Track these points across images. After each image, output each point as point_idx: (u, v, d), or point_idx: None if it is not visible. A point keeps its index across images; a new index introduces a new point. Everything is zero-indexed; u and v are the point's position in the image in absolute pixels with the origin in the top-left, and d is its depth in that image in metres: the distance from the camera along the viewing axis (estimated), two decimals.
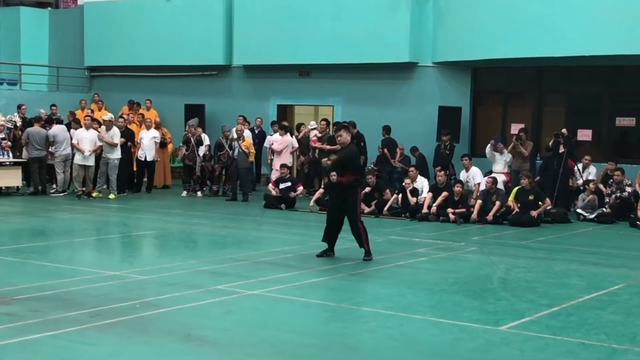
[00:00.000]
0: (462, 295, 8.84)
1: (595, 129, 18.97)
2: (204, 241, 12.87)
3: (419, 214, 15.62)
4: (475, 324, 7.45)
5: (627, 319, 7.86)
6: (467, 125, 20.02)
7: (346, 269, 10.26)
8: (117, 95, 24.60)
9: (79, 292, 8.48)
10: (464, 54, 19.26)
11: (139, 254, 12.05)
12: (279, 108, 22.82)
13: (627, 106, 18.74)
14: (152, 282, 9.14)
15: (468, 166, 17.18)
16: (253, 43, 22.30)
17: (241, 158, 18.30)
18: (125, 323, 7.23)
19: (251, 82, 23.19)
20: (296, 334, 7.02)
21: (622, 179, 16.41)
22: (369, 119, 20.18)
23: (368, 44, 20.30)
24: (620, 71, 18.81)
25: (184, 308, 7.88)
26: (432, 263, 10.93)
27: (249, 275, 9.60)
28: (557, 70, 19.35)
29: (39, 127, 18.83)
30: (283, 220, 15.36)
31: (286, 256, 11.10)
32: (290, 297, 8.50)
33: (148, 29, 24.14)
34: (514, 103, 20.64)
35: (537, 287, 9.37)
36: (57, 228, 14.02)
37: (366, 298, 8.75)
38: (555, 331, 7.25)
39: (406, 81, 20.72)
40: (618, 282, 9.76)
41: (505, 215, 15.41)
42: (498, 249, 12.25)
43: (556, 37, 17.37)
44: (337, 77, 21.67)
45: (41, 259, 10.56)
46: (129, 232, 14.10)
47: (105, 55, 25.15)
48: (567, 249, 12.53)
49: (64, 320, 7.25)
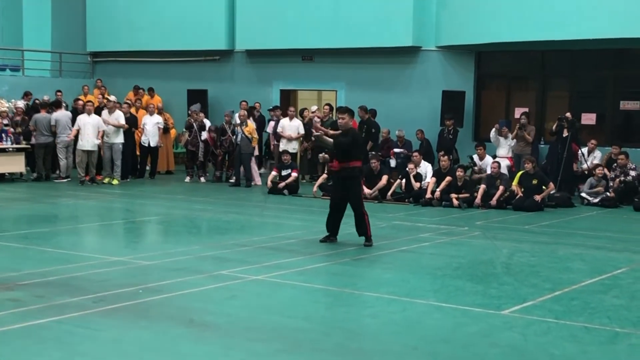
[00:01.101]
0: (465, 279, 8.85)
1: (600, 113, 18.93)
2: (207, 227, 12.88)
3: (423, 199, 15.60)
4: (478, 309, 7.46)
5: (630, 302, 7.86)
6: (471, 110, 19.97)
7: (349, 254, 10.26)
8: (119, 81, 24.59)
9: (82, 277, 8.50)
10: (467, 38, 19.19)
11: (142, 239, 12.07)
12: (281, 93, 22.78)
13: (632, 90, 18.66)
14: (156, 267, 9.16)
15: (482, 155, 17.15)
16: (255, 28, 22.25)
17: (244, 143, 18.27)
18: (129, 308, 7.25)
19: (254, 67, 23.15)
20: (299, 319, 7.03)
21: (626, 162, 16.37)
22: (373, 104, 20.10)
23: (371, 28, 20.25)
24: (625, 55, 18.75)
25: (187, 293, 7.89)
26: (435, 248, 10.93)
27: (252, 260, 9.61)
28: (561, 54, 19.28)
29: (45, 113, 18.82)
30: (286, 205, 15.36)
31: (289, 241, 11.10)
32: (293, 282, 8.51)
33: (150, 14, 24.10)
34: (518, 87, 20.60)
35: (540, 272, 9.37)
36: (61, 214, 14.05)
37: (369, 283, 8.76)
38: (558, 315, 7.25)
39: (409, 65, 20.67)
40: (621, 266, 9.76)
41: (509, 199, 15.40)
42: (501, 234, 12.24)
43: (560, 21, 17.30)
44: (340, 62, 21.61)
45: (45, 244, 10.58)
46: (133, 217, 14.12)
47: (108, 40, 25.13)
48: (571, 233, 12.52)
49: (67, 305, 7.27)
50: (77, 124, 18.00)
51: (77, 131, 17.96)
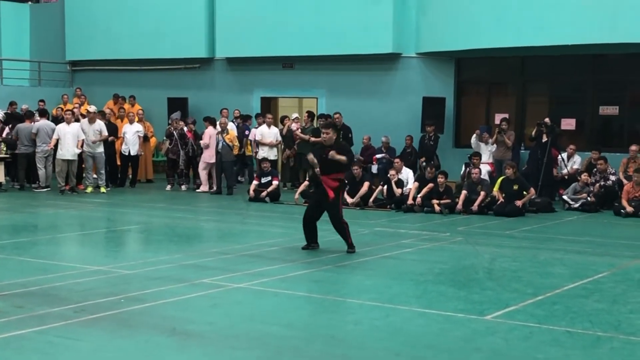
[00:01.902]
0: (447, 285, 8.85)
1: (579, 118, 19.04)
2: (189, 235, 12.82)
3: (404, 205, 15.62)
4: (460, 314, 7.46)
5: (611, 306, 7.89)
6: (452, 116, 20.04)
7: (331, 261, 10.25)
8: (99, 90, 24.49)
9: (63, 287, 8.43)
10: (447, 44, 19.27)
11: (123, 248, 11.99)
12: (262, 100, 22.76)
13: (611, 95, 18.81)
14: (137, 276, 9.10)
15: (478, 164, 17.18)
16: (235, 35, 22.23)
17: (225, 151, 18.23)
18: (110, 318, 7.19)
19: (234, 75, 23.11)
20: (281, 327, 7.01)
21: (605, 167, 16.47)
22: (353, 111, 20.19)
23: (351, 35, 20.29)
24: (603, 60, 18.87)
25: (169, 302, 7.84)
26: (417, 254, 10.94)
27: (234, 268, 9.58)
28: (541, 60, 19.39)
29: (29, 123, 18.72)
30: (268, 213, 15.33)
31: (271, 249, 11.07)
32: (276, 289, 8.48)
33: (129, 22, 24.01)
34: (498, 93, 20.70)
35: (522, 277, 9.39)
36: (41, 223, 13.94)
37: (351, 290, 8.75)
38: (540, 320, 7.27)
39: (390, 72, 20.72)
40: (602, 271, 9.80)
41: (490, 205, 15.45)
42: (483, 239, 12.27)
43: (539, 27, 17.41)
44: (321, 69, 21.63)
45: (25, 254, 10.49)
46: (113, 226, 14.03)
47: (87, 49, 25.00)
48: (552, 238, 12.57)
49: (48, 315, 7.20)
50: (57, 133, 17.89)
51: (56, 140, 17.85)
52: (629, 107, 18.57)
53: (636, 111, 18.58)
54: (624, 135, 18.59)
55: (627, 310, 7.75)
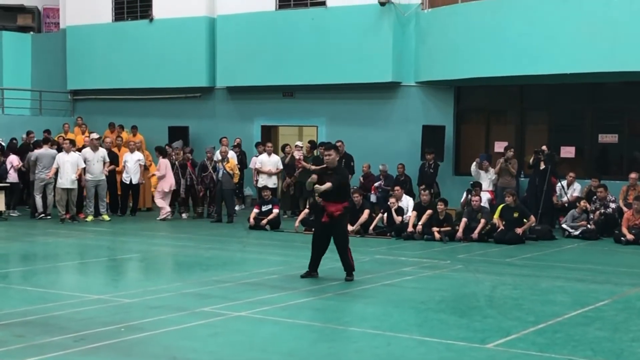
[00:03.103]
0: (448, 313, 8.83)
1: (578, 146, 19.08)
2: (189, 263, 12.79)
3: (404, 233, 15.62)
4: (461, 342, 7.44)
5: (613, 334, 7.87)
6: (451, 144, 20.08)
7: (332, 289, 10.22)
8: (100, 118, 24.53)
9: (63, 316, 8.41)
10: (446, 73, 19.35)
11: (123, 277, 11.97)
12: (263, 129, 22.82)
13: (609, 123, 18.86)
14: (137, 305, 9.08)
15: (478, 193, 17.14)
16: (236, 65, 22.34)
17: (225, 179, 18.27)
18: (110, 347, 7.17)
19: (235, 104, 23.20)
20: (282, 355, 6.98)
21: (605, 195, 16.48)
22: (353, 139, 20.23)
23: (351, 64, 20.40)
24: (602, 88, 18.95)
25: (169, 331, 7.82)
26: (418, 282, 10.92)
27: (234, 296, 9.56)
28: (539, 88, 19.47)
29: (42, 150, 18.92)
30: (268, 241, 15.32)
31: (271, 277, 11.05)
32: (276, 318, 8.46)
33: (131, 52, 24.14)
34: (497, 121, 20.75)
35: (523, 304, 9.37)
36: (41, 252, 13.92)
37: (352, 318, 8.72)
38: (542, 348, 7.24)
39: (389, 101, 20.80)
40: (603, 298, 9.78)
41: (490, 232, 15.44)
42: (484, 267, 12.25)
43: (537, 56, 17.48)
44: (321, 98, 21.72)
45: (25, 283, 10.48)
46: (114, 255, 14.00)
47: (88, 78, 25.10)
48: (552, 266, 12.55)
49: (48, 345, 7.18)
50: (56, 162, 17.97)
51: (55, 169, 17.92)
52: (628, 135, 18.60)
53: (635, 139, 18.63)
54: (623, 163, 18.61)
55: (628, 338, 7.73)
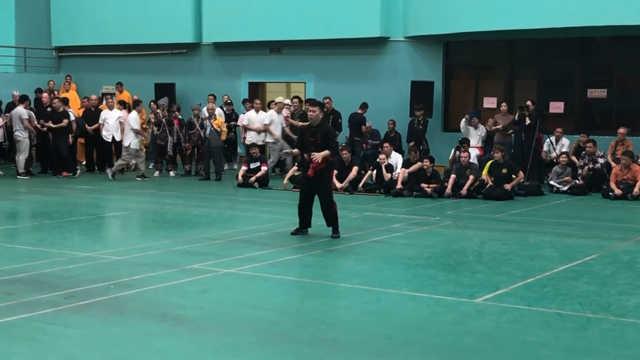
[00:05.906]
0: (437, 269, 8.86)
1: (567, 101, 19.06)
2: (178, 221, 12.76)
3: (394, 190, 15.62)
4: (451, 297, 7.48)
5: (600, 288, 7.92)
6: (440, 100, 20.02)
7: (321, 246, 10.24)
8: (86, 75, 24.34)
9: (52, 274, 8.39)
10: (435, 28, 19.22)
11: (112, 234, 11.96)
12: (250, 85, 22.67)
13: (598, 78, 18.82)
14: (126, 262, 9.07)
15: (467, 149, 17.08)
16: (222, 20, 22.11)
17: (213, 137, 18.17)
18: (100, 304, 7.16)
19: (221, 60, 23.00)
20: (272, 312, 7.00)
21: (594, 150, 16.51)
22: (342, 95, 20.11)
23: (339, 19, 20.22)
24: (591, 43, 18.89)
25: (159, 288, 7.82)
26: (407, 238, 10.94)
27: (223, 254, 9.55)
28: (528, 43, 19.39)
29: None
30: (257, 198, 15.30)
31: (261, 234, 11.05)
32: (266, 274, 8.47)
33: (116, 7, 23.85)
34: (486, 76, 20.68)
35: (512, 260, 9.41)
36: (28, 210, 13.86)
37: (342, 274, 8.74)
38: (530, 302, 7.29)
39: (378, 56, 20.67)
40: (591, 253, 9.83)
41: (479, 189, 15.46)
42: (472, 223, 12.29)
43: (526, 10, 17.39)
44: (309, 54, 21.55)
45: (13, 241, 10.45)
46: (102, 213, 13.98)
47: (73, 35, 24.83)
48: (541, 221, 12.60)
49: (37, 302, 7.17)
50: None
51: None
52: (617, 90, 18.58)
53: (624, 94, 18.62)
54: (612, 118, 18.62)
55: (616, 292, 7.78)
